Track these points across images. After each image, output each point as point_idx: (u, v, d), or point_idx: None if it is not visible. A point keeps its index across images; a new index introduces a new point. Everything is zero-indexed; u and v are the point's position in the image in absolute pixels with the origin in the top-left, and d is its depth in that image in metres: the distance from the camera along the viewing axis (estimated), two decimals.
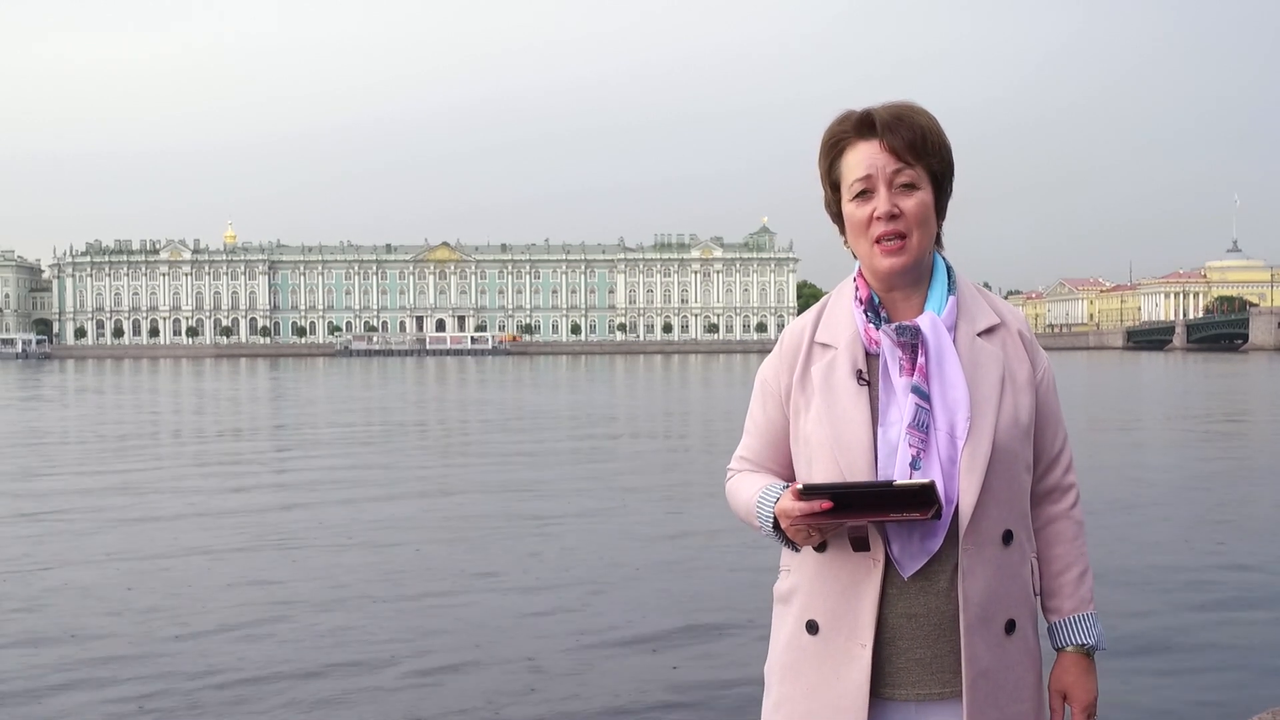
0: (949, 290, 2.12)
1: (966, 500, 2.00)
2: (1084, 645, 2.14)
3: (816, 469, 2.08)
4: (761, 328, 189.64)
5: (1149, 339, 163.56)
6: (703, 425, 30.21)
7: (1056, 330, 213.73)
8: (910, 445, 2.01)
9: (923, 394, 2.02)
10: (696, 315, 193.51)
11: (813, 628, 2.10)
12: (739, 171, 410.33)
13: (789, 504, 1.97)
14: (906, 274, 2.08)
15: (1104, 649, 2.17)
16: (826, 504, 1.93)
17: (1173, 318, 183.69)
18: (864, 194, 2.06)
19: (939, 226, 2.12)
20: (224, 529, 12.49)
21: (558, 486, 16.16)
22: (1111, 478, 16.27)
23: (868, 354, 2.10)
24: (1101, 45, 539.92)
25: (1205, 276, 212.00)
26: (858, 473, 2.03)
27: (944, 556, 2.02)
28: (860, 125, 2.07)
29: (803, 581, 2.12)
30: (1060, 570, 2.17)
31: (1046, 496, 2.18)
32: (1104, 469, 17.26)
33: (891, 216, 2.03)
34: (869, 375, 2.08)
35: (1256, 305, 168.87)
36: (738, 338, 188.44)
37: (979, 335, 2.09)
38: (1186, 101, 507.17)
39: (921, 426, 2.01)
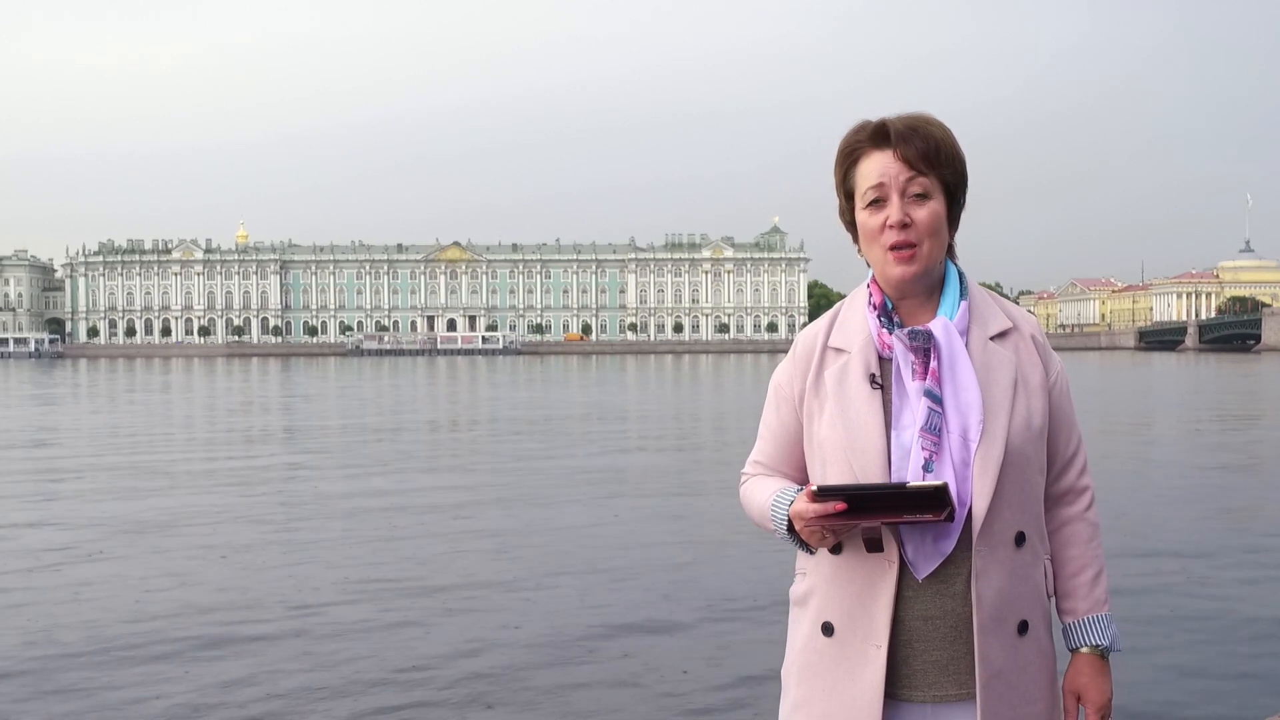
0: (961, 295, 2.13)
1: (980, 503, 2.01)
2: (1099, 646, 2.15)
3: (830, 473, 2.10)
4: (772, 328, 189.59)
5: (1161, 339, 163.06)
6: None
7: (1068, 330, 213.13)
8: (923, 448, 2.03)
9: (935, 397, 2.04)
10: (707, 315, 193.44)
11: (828, 630, 2.11)
12: (750, 171, 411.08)
13: (803, 506, 1.99)
14: (918, 282, 2.10)
15: (1119, 650, 2.18)
16: (840, 505, 1.94)
17: (1185, 318, 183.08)
18: (877, 202, 2.08)
19: (951, 237, 2.15)
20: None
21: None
22: (1121, 476, 16.26)
23: (881, 358, 2.12)
24: (1110, 43, 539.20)
25: (1217, 277, 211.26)
26: (871, 476, 2.05)
27: (958, 559, 2.04)
28: (875, 135, 2.10)
29: (818, 584, 2.14)
30: (1075, 572, 2.18)
31: (1061, 499, 2.20)
32: (1114, 468, 17.25)
33: (903, 225, 2.05)
34: (882, 379, 2.10)
35: (1269, 305, 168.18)
36: (748, 338, 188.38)
37: (991, 339, 2.12)
38: (1197, 100, 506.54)
39: (934, 430, 2.03)
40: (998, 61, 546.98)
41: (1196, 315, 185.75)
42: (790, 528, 2.06)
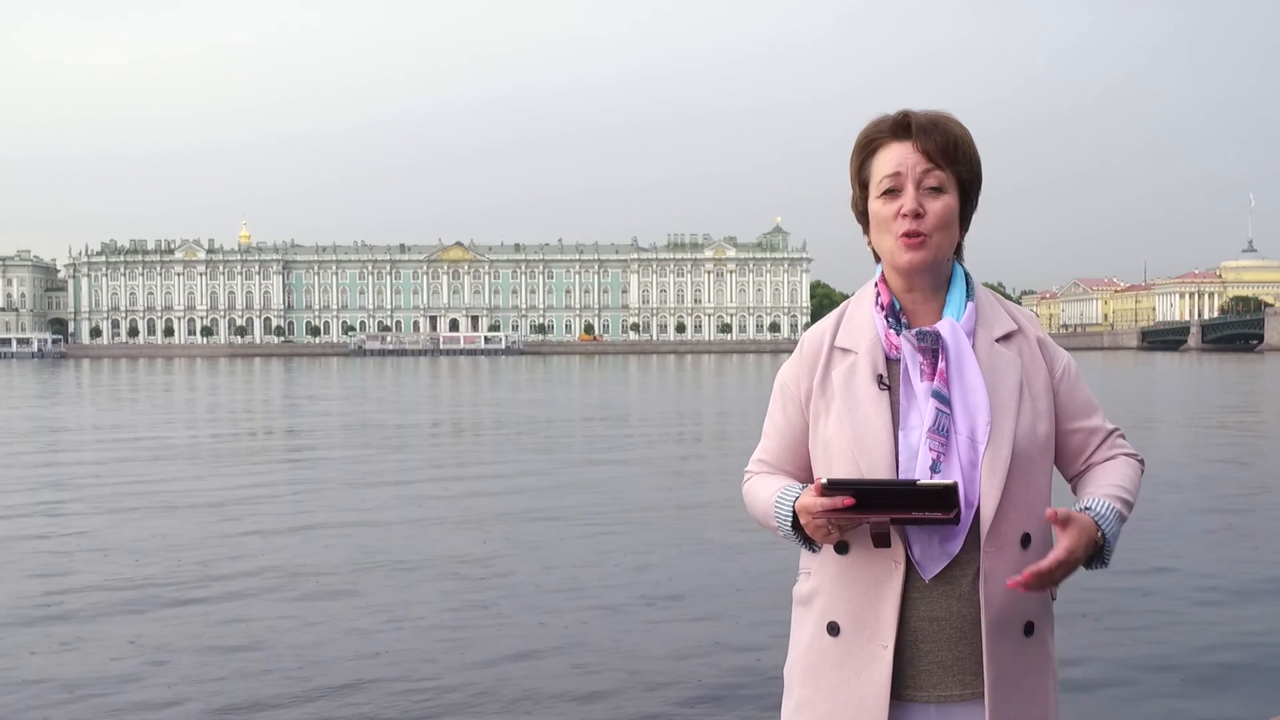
0: (967, 297, 2.15)
1: (988, 504, 2.03)
2: (1104, 533, 2.05)
3: (836, 472, 2.09)
4: (775, 328, 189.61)
5: (1164, 339, 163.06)
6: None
7: (1071, 330, 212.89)
8: (931, 449, 2.03)
9: (943, 398, 2.05)
10: (709, 315, 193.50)
11: (834, 629, 2.12)
12: (752, 171, 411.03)
13: (811, 500, 1.99)
14: (926, 272, 2.12)
15: (1105, 566, 2.10)
16: (849, 500, 1.93)
17: (1187, 318, 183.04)
18: (891, 191, 2.10)
19: (961, 237, 2.16)
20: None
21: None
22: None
23: (888, 359, 2.12)
24: (1110, 43, 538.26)
25: (1220, 276, 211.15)
26: (878, 476, 2.05)
27: (965, 560, 2.05)
28: (896, 126, 2.12)
29: (824, 583, 2.14)
30: (1116, 479, 2.15)
31: (1112, 458, 2.20)
32: None
33: (916, 215, 2.07)
34: (889, 380, 2.11)
35: (1272, 305, 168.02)
36: (750, 338, 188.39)
37: (997, 341, 2.13)
38: (1197, 100, 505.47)
39: (942, 431, 2.04)
40: (998, 61, 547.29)
41: (1199, 315, 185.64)
42: (794, 525, 2.07)
